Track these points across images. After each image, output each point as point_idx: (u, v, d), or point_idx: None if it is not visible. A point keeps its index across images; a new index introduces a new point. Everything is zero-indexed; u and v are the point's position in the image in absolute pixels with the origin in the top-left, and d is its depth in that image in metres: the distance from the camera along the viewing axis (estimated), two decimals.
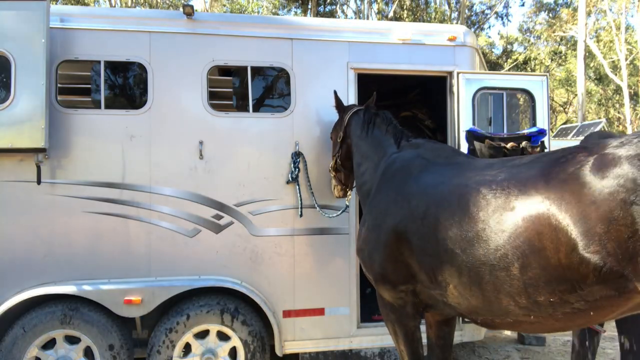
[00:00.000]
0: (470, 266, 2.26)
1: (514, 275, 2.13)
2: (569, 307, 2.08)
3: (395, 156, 3.05)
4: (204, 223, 3.63)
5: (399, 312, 2.80)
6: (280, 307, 3.74)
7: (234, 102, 3.98)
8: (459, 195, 2.39)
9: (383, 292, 2.86)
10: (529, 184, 2.16)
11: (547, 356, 4.95)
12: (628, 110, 23.97)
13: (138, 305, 3.46)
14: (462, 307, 2.44)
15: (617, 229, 1.90)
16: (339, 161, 3.56)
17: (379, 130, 3.32)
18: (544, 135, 3.68)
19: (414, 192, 2.66)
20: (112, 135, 3.55)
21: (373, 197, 2.99)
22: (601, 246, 1.93)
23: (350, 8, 24.17)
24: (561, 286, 2.05)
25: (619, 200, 1.90)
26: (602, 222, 1.93)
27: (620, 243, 1.90)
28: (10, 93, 3.25)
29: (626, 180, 1.91)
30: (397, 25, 4.08)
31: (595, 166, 2.00)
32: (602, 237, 1.93)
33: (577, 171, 2.04)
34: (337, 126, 3.65)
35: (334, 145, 3.62)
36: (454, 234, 2.33)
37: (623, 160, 1.95)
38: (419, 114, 5.59)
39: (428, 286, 2.61)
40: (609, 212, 1.92)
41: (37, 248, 3.44)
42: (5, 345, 3.34)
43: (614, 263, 1.92)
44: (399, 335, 2.86)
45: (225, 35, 3.74)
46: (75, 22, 3.56)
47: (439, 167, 2.71)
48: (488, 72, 4.46)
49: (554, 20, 26.00)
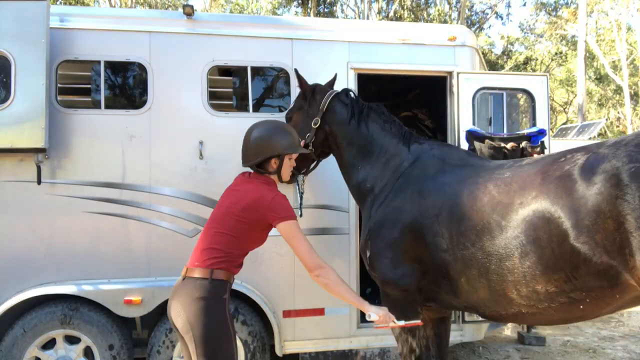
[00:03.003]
0: (480, 258, 2.42)
1: (516, 264, 2.29)
2: (565, 296, 2.22)
3: (410, 156, 3.00)
4: (204, 223, 3.60)
5: (405, 309, 2.80)
6: (280, 307, 3.73)
7: (234, 102, 3.99)
8: (469, 192, 2.54)
9: (391, 290, 2.85)
10: (528, 180, 2.33)
11: (547, 356, 4.95)
12: (629, 110, 23.97)
13: (138, 305, 3.46)
14: (471, 301, 2.58)
15: (604, 222, 2.04)
16: (312, 148, 3.24)
17: (377, 125, 3.16)
18: (544, 135, 3.68)
19: (431, 190, 2.74)
20: (112, 135, 3.55)
21: (385, 196, 2.95)
22: (590, 237, 2.07)
23: (350, 8, 24.18)
24: (556, 275, 2.20)
25: (606, 194, 2.03)
26: (590, 215, 2.07)
27: (608, 235, 2.04)
28: (10, 93, 3.25)
29: (612, 175, 2.04)
30: (397, 25, 4.09)
31: (587, 163, 2.14)
32: (591, 228, 2.07)
33: (571, 169, 2.19)
34: (305, 107, 3.29)
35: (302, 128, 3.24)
36: (465, 229, 2.49)
37: (611, 157, 2.09)
38: (419, 114, 5.59)
39: (437, 282, 2.70)
40: (597, 205, 2.05)
41: (37, 248, 3.44)
42: (5, 345, 3.34)
43: (603, 254, 2.06)
44: (402, 334, 2.85)
45: (225, 35, 3.73)
46: (75, 22, 3.56)
47: (454, 168, 2.81)
48: (488, 72, 4.46)
49: (555, 19, 26.00)
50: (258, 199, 2.47)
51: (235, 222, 2.45)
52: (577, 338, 5.55)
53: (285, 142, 2.61)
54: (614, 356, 4.96)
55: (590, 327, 5.97)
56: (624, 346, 5.28)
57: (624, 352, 5.07)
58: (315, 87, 3.35)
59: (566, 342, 5.37)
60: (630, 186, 1.98)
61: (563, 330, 5.80)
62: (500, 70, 21.70)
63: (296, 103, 3.42)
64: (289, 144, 2.63)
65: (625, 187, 1.99)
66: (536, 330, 5.46)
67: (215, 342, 2.29)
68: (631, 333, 5.77)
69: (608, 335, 5.66)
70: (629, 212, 1.97)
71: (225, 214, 2.49)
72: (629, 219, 1.97)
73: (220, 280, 2.37)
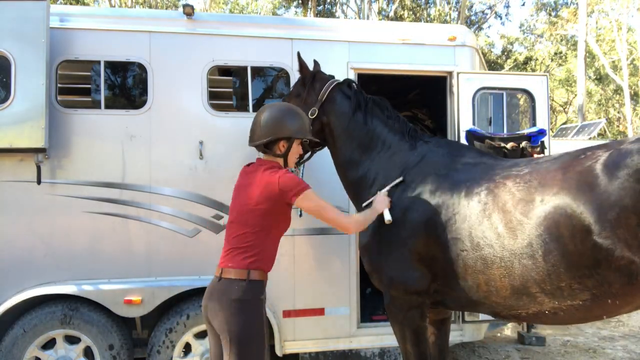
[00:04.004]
0: (502, 258, 2.37)
1: (539, 262, 2.25)
2: (588, 293, 2.19)
3: (416, 153, 2.90)
4: (204, 223, 3.63)
5: (411, 312, 2.72)
6: (281, 307, 3.73)
7: (234, 102, 3.98)
8: (487, 189, 2.48)
9: (397, 293, 2.74)
10: (548, 177, 2.30)
11: (547, 356, 4.95)
12: (629, 110, 23.97)
13: (138, 305, 3.46)
14: (489, 302, 2.51)
15: (626, 216, 2.03)
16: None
17: (380, 120, 3.04)
18: (544, 135, 3.68)
19: (446, 189, 2.64)
20: (112, 135, 3.55)
21: (391, 194, 2.81)
22: (612, 232, 2.06)
23: (350, 8, 24.18)
24: (580, 271, 2.17)
25: (629, 189, 2.02)
26: (612, 210, 2.05)
27: (630, 229, 2.03)
28: (10, 93, 3.25)
29: (635, 170, 2.03)
30: (397, 25, 4.09)
31: (610, 159, 2.13)
32: (613, 223, 2.05)
33: (593, 164, 2.17)
34: (303, 95, 3.14)
35: None
36: (485, 229, 2.42)
37: (634, 152, 2.07)
38: (419, 114, 5.60)
39: (450, 284, 2.59)
40: (619, 200, 2.04)
41: (37, 248, 3.44)
42: (5, 345, 3.34)
43: (625, 249, 2.04)
44: (408, 336, 2.75)
45: (225, 35, 3.73)
46: (75, 22, 3.56)
47: (467, 166, 2.73)
48: (488, 72, 4.46)
49: (555, 19, 26.00)
50: (267, 186, 2.43)
51: (255, 216, 2.43)
52: (577, 338, 5.54)
53: (296, 125, 2.55)
54: (614, 356, 4.96)
55: (590, 327, 5.97)
56: (624, 346, 5.28)
57: (624, 352, 5.07)
58: (315, 74, 3.21)
59: (566, 342, 5.37)
60: None
61: (563, 330, 5.80)
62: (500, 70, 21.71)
63: (294, 89, 3.26)
64: (300, 128, 2.56)
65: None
66: (536, 330, 5.46)
67: (251, 342, 2.34)
68: (631, 333, 5.78)
69: (608, 335, 5.66)
70: None
71: (243, 212, 2.48)
72: None
73: (257, 280, 2.41)
